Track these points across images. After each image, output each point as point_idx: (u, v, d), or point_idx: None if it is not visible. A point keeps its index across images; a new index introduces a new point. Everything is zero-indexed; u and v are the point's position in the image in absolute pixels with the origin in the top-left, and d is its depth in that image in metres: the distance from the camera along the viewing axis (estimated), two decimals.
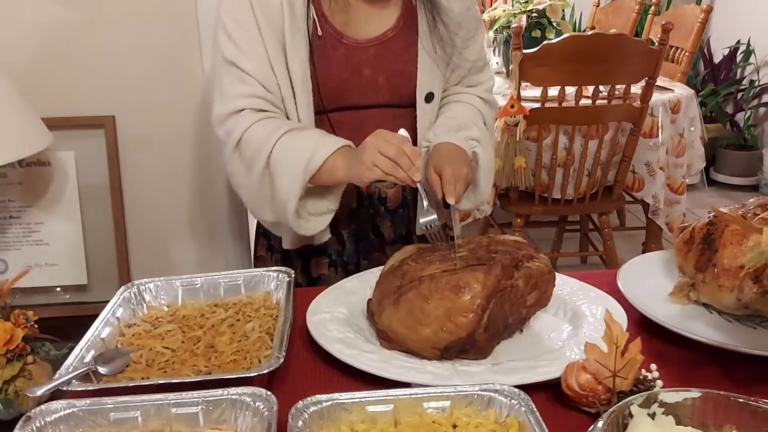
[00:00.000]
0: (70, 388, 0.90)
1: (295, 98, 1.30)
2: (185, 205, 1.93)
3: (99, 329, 1.04)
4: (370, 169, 1.13)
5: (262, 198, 1.29)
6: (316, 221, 1.30)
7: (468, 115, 1.39)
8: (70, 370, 0.93)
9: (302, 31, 1.27)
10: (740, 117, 4.59)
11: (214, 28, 1.32)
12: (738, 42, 4.60)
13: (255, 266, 1.58)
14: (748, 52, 4.55)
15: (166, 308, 1.17)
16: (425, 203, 1.15)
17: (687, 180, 2.88)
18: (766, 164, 4.34)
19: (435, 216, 1.14)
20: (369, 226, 1.45)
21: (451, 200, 1.17)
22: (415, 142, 1.38)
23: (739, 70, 4.64)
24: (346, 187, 1.31)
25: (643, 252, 2.97)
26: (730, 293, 1.06)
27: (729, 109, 4.66)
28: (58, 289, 1.88)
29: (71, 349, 1.46)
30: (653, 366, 0.93)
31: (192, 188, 1.91)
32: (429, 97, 1.37)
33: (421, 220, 1.15)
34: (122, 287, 1.18)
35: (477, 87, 1.46)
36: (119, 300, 1.13)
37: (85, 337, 1.01)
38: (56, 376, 0.92)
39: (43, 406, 0.83)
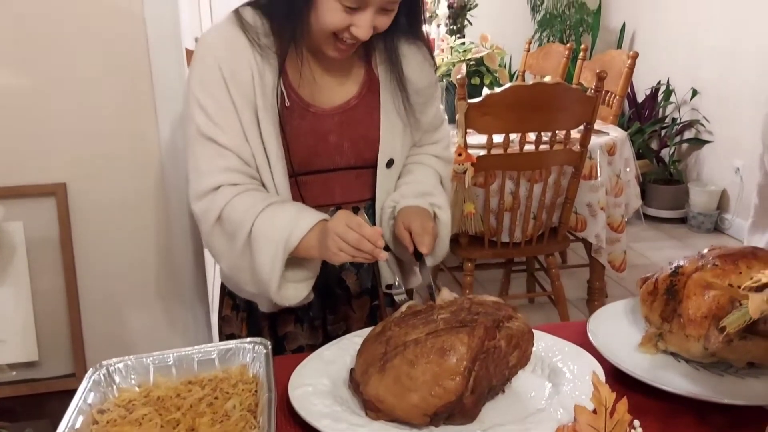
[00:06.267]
0: None
1: (270, 166, 1.32)
2: (143, 272, 1.88)
3: (72, 419, 0.99)
4: (336, 254, 1.20)
5: (244, 271, 1.31)
6: (296, 289, 1.31)
7: (430, 182, 1.46)
8: None
9: (272, 101, 1.30)
10: (665, 153, 4.83)
11: (183, 98, 1.34)
12: (659, 82, 4.87)
13: (220, 327, 1.57)
14: (668, 92, 4.82)
15: (137, 388, 1.13)
16: (397, 279, 1.23)
17: (626, 218, 3.00)
18: (692, 198, 4.56)
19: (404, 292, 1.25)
20: (335, 280, 1.47)
21: (424, 249, 1.25)
22: (373, 203, 1.43)
23: (660, 109, 4.91)
24: None
25: (589, 289, 3.06)
26: (696, 342, 1.11)
27: (654, 146, 4.90)
28: (5, 366, 1.78)
29: None
30: (636, 422, 0.96)
31: (150, 254, 1.86)
32: (389, 163, 1.43)
33: (396, 297, 1.26)
34: (90, 369, 1.12)
35: (434, 145, 1.52)
36: (89, 384, 1.08)
37: (59, 430, 0.96)
38: None
39: None
